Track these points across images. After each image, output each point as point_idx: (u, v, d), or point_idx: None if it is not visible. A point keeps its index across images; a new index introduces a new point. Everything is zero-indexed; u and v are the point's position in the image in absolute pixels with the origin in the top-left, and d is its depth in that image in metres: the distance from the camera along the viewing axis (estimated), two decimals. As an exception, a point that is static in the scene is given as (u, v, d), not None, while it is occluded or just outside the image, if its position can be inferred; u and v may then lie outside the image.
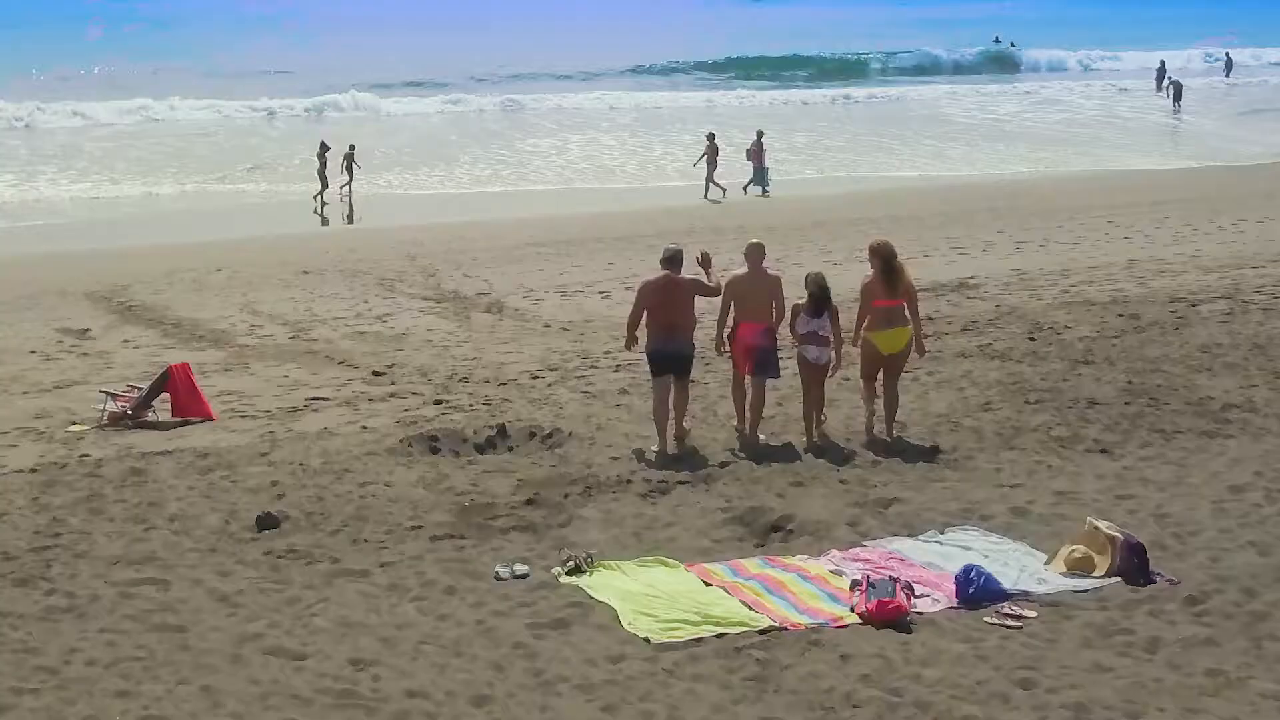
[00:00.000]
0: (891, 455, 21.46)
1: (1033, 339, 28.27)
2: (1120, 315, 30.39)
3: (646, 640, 14.92)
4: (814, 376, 22.27)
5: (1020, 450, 21.32)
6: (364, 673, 14.24)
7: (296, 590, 16.40)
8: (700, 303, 22.65)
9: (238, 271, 39.28)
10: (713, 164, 55.97)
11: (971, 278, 35.83)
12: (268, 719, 13.29)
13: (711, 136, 57.18)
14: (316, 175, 55.81)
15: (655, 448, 21.77)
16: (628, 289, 33.51)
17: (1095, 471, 20.11)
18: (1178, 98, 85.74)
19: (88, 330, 32.45)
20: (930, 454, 21.21)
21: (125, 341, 31.37)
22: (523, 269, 39.18)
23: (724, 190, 55.31)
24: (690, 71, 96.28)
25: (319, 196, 55.39)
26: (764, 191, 56.81)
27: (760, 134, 58.77)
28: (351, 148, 57.77)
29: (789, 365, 23.11)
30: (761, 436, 22.37)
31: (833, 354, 22.15)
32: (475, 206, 54.20)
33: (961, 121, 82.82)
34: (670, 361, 22.01)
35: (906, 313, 22.10)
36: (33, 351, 30.45)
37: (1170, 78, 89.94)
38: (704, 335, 23.83)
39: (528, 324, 32.42)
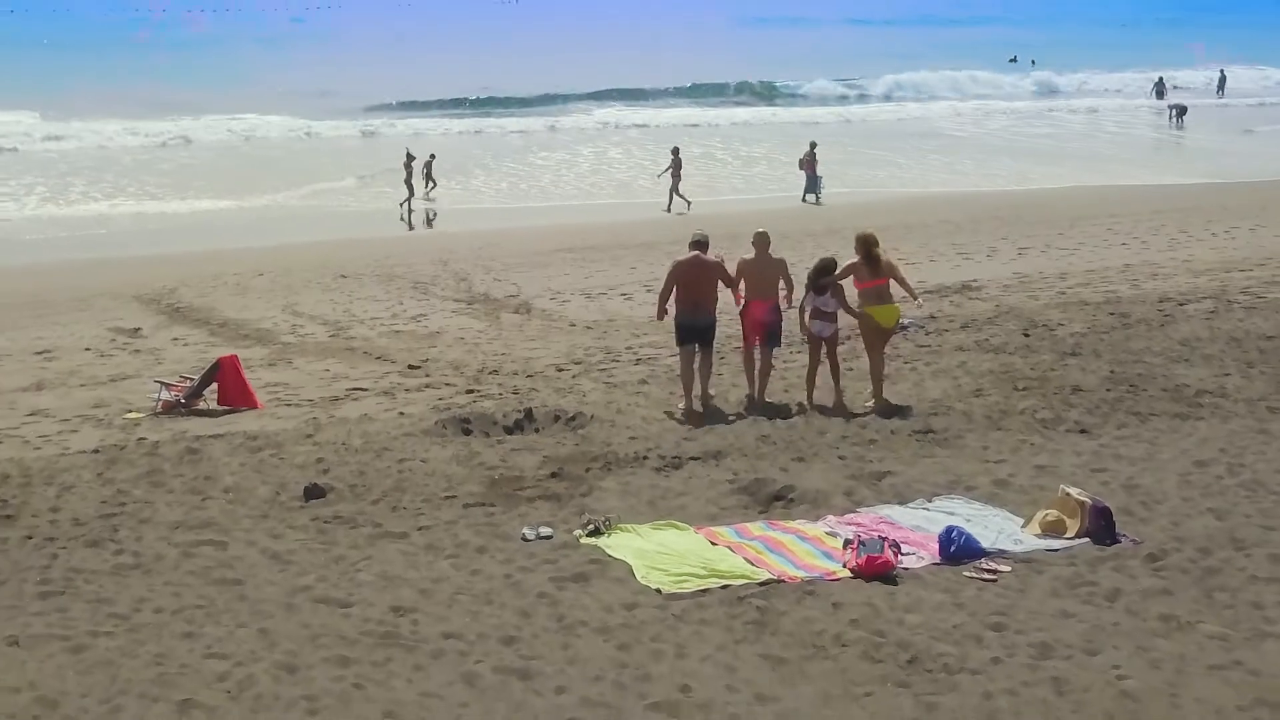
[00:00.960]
0: (887, 415, 23.55)
1: (1027, 335, 29.24)
2: (1111, 314, 31.32)
3: (658, 591, 16.19)
4: (823, 346, 24.76)
5: (1006, 431, 22.52)
6: (404, 618, 15.51)
7: (342, 550, 17.69)
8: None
9: (279, 276, 40.17)
10: (676, 177, 56.32)
11: (974, 280, 36.81)
12: (318, 656, 14.54)
13: (676, 151, 57.82)
14: (404, 184, 57.39)
15: (682, 406, 24.24)
16: (648, 291, 34.87)
17: (1074, 449, 21.31)
18: (1181, 114, 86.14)
19: (139, 329, 33.51)
20: (923, 434, 22.43)
21: (174, 339, 32.46)
22: (549, 273, 40.20)
23: (689, 203, 55.87)
24: (690, 93, 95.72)
25: (405, 203, 56.87)
26: (816, 199, 57.40)
27: (813, 145, 59.87)
28: (432, 156, 59.64)
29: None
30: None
31: (837, 327, 24.82)
32: (503, 216, 55.24)
33: (959, 136, 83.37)
34: (695, 331, 24.50)
35: (886, 290, 24.68)
36: (87, 349, 31.54)
37: (1173, 103, 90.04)
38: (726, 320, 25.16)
39: (554, 323, 33.52)
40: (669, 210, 55.25)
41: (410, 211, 55.99)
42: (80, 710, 13.43)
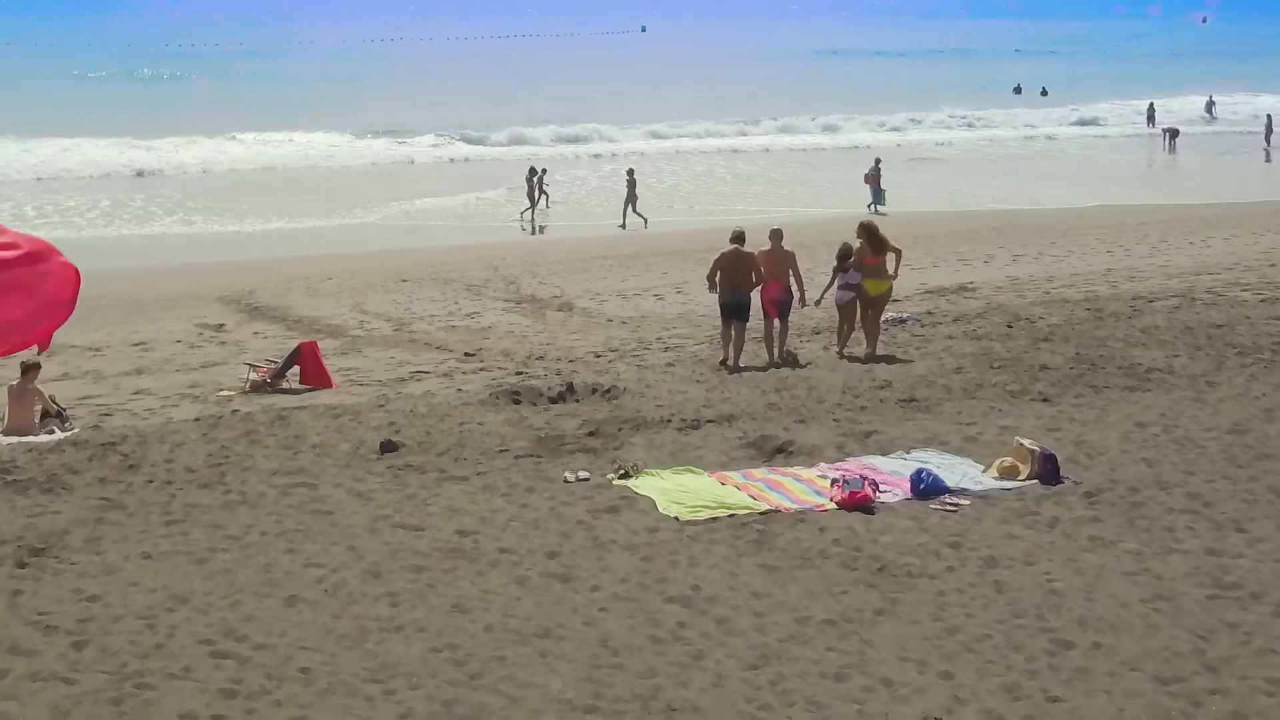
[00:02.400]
0: (873, 360, 28.06)
1: (1010, 327, 31.36)
2: (1087, 309, 33.42)
3: (676, 519, 18.59)
4: (845, 312, 29.85)
5: (979, 400, 24.82)
6: (466, 539, 17.94)
7: (414, 490, 20.10)
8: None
9: (346, 280, 42.20)
10: (631, 197, 57.63)
11: (970, 282, 39.00)
12: (397, 565, 17.00)
13: (631, 172, 60.09)
14: (526, 196, 60.40)
15: (721, 358, 29.10)
16: (678, 292, 37.39)
17: (1035, 414, 23.59)
18: (1174, 136, 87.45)
19: (223, 325, 35.80)
20: (907, 402, 24.79)
21: (255, 333, 34.77)
22: (589, 277, 42.41)
23: (645, 221, 57.27)
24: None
25: (528, 213, 59.82)
26: (877, 209, 58.82)
27: (878, 160, 62.46)
28: (544, 171, 62.25)
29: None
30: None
31: (854, 295, 29.55)
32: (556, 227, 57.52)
33: (964, 159, 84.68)
34: (732, 307, 28.86)
35: (882, 268, 29.59)
36: (178, 341, 33.82)
37: (1166, 127, 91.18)
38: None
39: (593, 319, 35.83)
40: (624, 226, 57.09)
41: (532, 219, 58.59)
42: (207, 604, 15.87)
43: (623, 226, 57.04)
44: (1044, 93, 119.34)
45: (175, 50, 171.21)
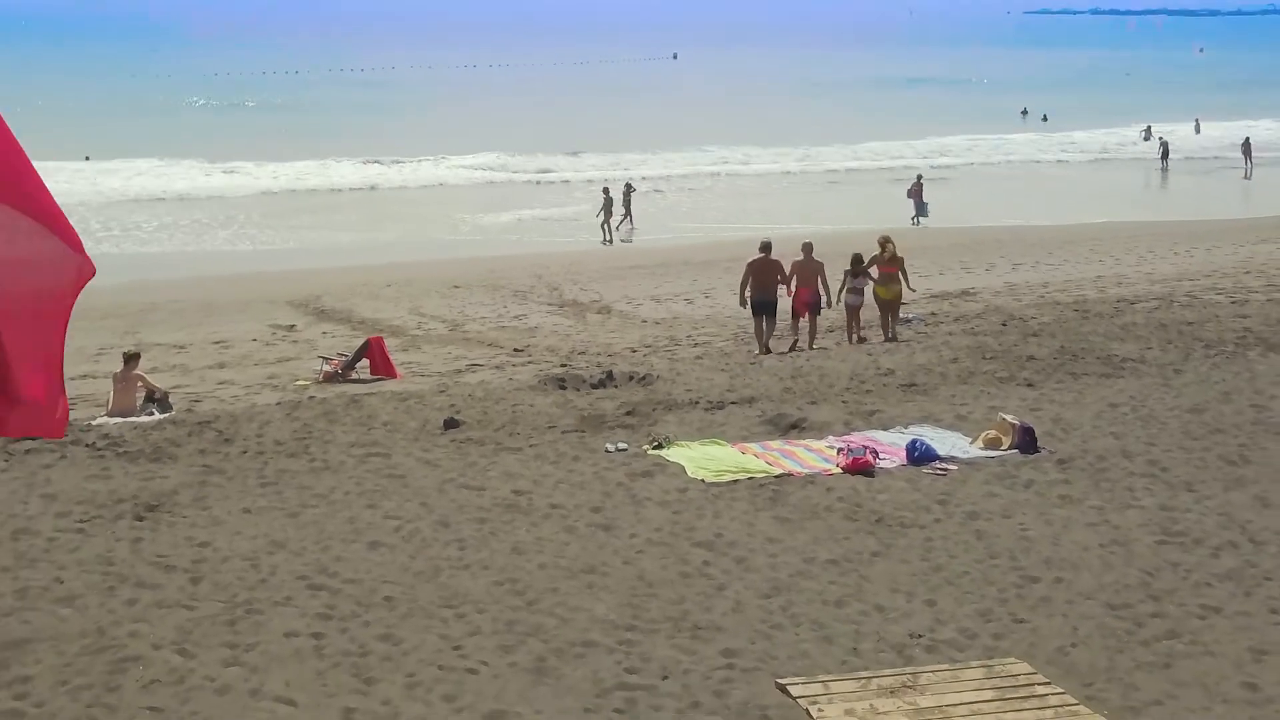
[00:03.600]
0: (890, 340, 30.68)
1: (1004, 325, 32.91)
2: (1075, 310, 34.91)
3: (702, 481, 20.34)
4: (851, 315, 32.77)
5: (970, 385, 26.45)
6: (521, 497, 19.68)
7: (475, 458, 21.83)
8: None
9: (403, 286, 43.82)
10: (608, 213, 58.15)
11: (971, 288, 40.67)
12: (463, 517, 18.74)
13: (606, 190, 60.19)
14: (621, 207, 61.42)
15: (753, 350, 31.82)
16: (706, 297, 39.19)
17: (1020, 396, 25.23)
18: (1165, 153, 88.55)
19: (294, 326, 37.58)
20: (908, 386, 26.47)
21: (324, 333, 36.54)
22: (626, 283, 44.10)
23: (613, 238, 57.96)
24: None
25: (620, 224, 60.83)
26: (919, 222, 60.42)
27: (920, 176, 64.46)
28: (630, 186, 64.07)
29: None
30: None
31: (863, 299, 32.69)
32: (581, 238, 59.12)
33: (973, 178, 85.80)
34: (763, 305, 32.00)
35: (899, 277, 32.67)
36: (254, 340, 35.64)
37: (1161, 138, 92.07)
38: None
39: (629, 320, 37.59)
40: (609, 243, 57.66)
41: (614, 230, 59.55)
42: (301, 548, 17.64)
43: (613, 241, 57.79)
44: (1044, 119, 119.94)
45: (271, 78, 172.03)
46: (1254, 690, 13.45)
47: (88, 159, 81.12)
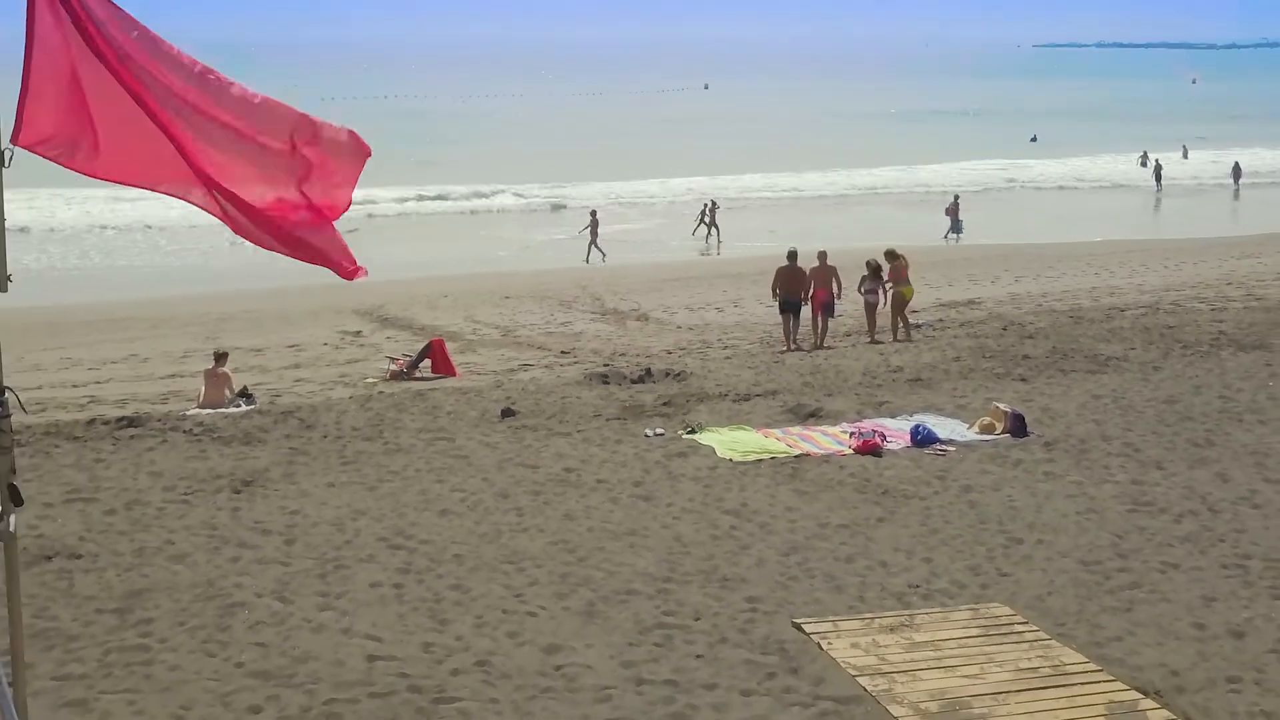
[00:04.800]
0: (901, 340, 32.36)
1: (1004, 330, 34.07)
2: (1069, 317, 36.12)
3: (730, 460, 21.69)
4: (869, 312, 35.35)
5: (970, 380, 27.72)
6: (571, 473, 21.02)
7: (528, 441, 23.18)
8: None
9: (459, 297, 45.15)
10: (594, 234, 58.21)
11: (977, 298, 41.94)
12: (520, 490, 20.09)
13: (594, 213, 60.83)
14: (708, 224, 63.69)
15: (784, 347, 34.25)
16: (736, 307, 40.52)
17: (1014, 389, 26.45)
18: (1159, 174, 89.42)
19: (360, 331, 38.93)
20: (914, 381, 27.74)
21: (388, 338, 37.89)
22: (662, 294, 45.33)
23: (604, 256, 57.85)
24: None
25: (708, 239, 63.05)
26: (956, 239, 61.53)
27: (956, 196, 66.28)
28: (714, 205, 65.97)
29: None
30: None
31: (882, 296, 35.39)
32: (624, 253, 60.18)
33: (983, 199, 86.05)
34: (789, 305, 34.83)
35: (907, 279, 35.47)
36: (325, 344, 37.01)
37: (1156, 160, 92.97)
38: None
39: (665, 326, 38.91)
40: (588, 261, 57.44)
41: (706, 240, 61.61)
42: (380, 515, 19.00)
43: (597, 261, 57.73)
44: (1033, 139, 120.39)
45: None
46: (1202, 629, 14.77)
47: None
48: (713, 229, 63.17)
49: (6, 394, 8.37)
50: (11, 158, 8.54)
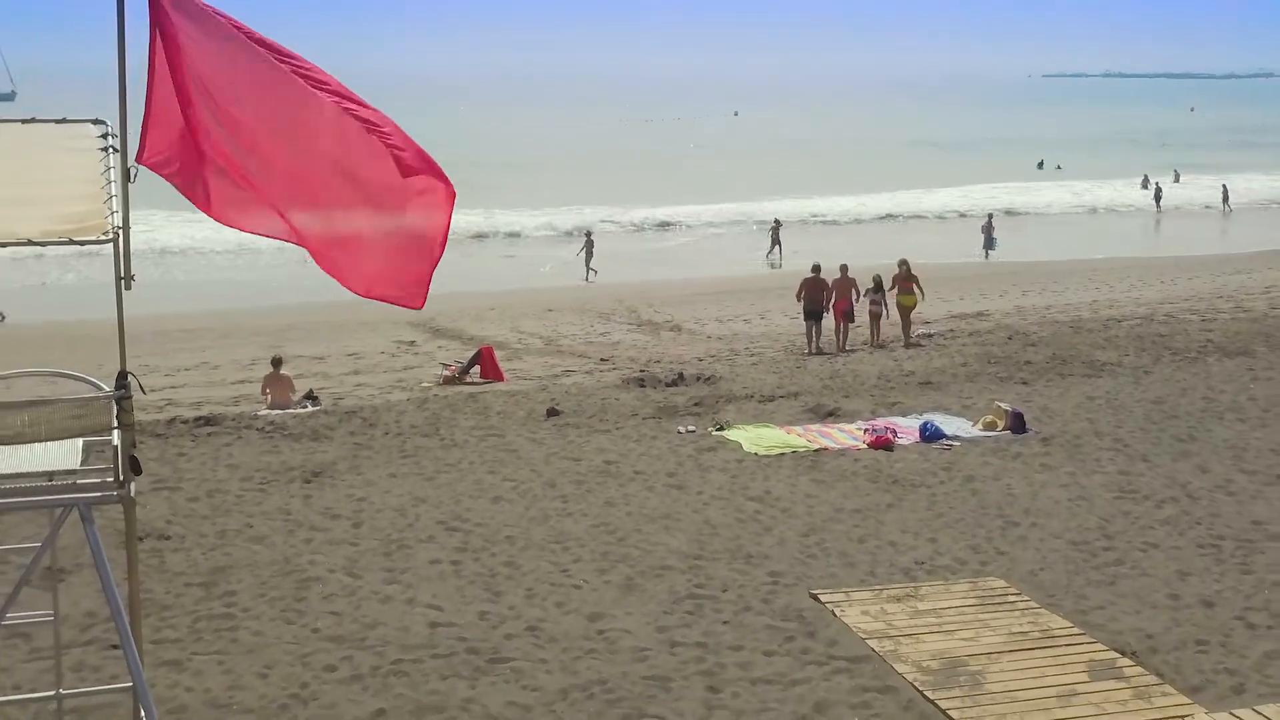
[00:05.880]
0: (911, 346, 33.53)
1: (1010, 339, 34.71)
2: (1070, 327, 36.72)
3: (755, 454, 22.50)
4: (873, 321, 36.59)
5: (976, 383, 28.47)
6: (611, 465, 21.86)
7: (572, 438, 24.00)
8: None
9: (504, 310, 45.69)
10: (589, 255, 57.36)
11: (985, 310, 42.55)
12: (565, 480, 20.93)
13: (589, 233, 60.69)
14: (771, 241, 63.69)
15: (806, 349, 35.46)
16: (763, 319, 41.17)
17: (1016, 392, 27.17)
18: (1159, 196, 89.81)
19: (414, 341, 39.68)
20: (925, 384, 28.50)
21: (439, 346, 38.56)
22: (694, 307, 45.85)
23: (595, 274, 56.91)
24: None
25: (770, 254, 62.94)
26: (989, 255, 61.76)
27: (991, 215, 67.22)
28: (778, 222, 66.34)
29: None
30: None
31: (885, 308, 36.63)
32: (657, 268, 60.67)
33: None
34: (812, 314, 36.00)
35: (914, 289, 36.70)
36: (382, 352, 37.74)
37: (1157, 183, 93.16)
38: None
39: (696, 336, 39.55)
40: (587, 280, 56.57)
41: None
42: (438, 502, 19.86)
43: (592, 280, 56.84)
44: (1043, 165, 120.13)
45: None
46: (1176, 599, 15.58)
47: None
48: (776, 246, 63.28)
49: (129, 378, 9.15)
50: (136, 174, 9.41)
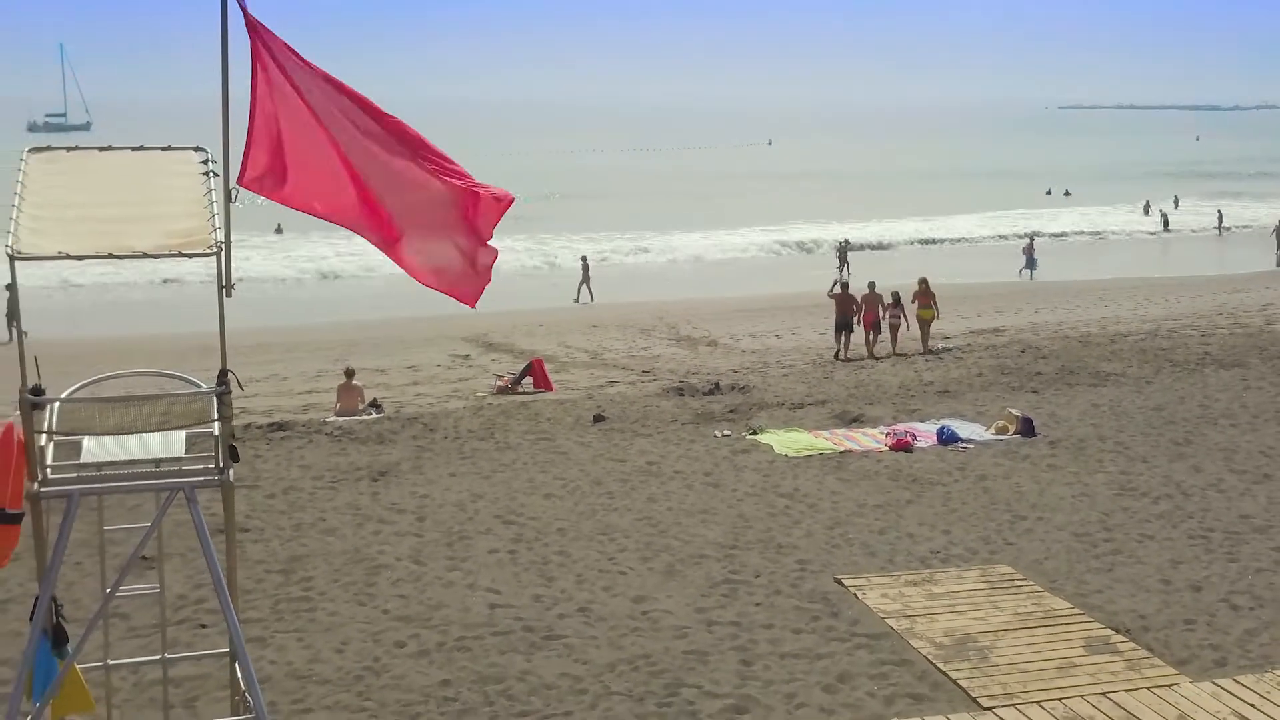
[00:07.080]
0: (928, 354, 34.39)
1: (1022, 352, 35.10)
2: (1078, 341, 37.04)
3: (785, 456, 23.05)
4: (892, 332, 37.73)
5: (989, 391, 28.92)
6: (652, 465, 22.43)
7: (617, 441, 24.57)
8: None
9: (552, 326, 46.33)
10: (585, 277, 56.98)
11: (1001, 327, 42.94)
12: (610, 478, 21.52)
13: (584, 258, 59.94)
14: (839, 259, 63.84)
15: (839, 356, 36.53)
16: (794, 334, 41.64)
17: (1026, 400, 27.62)
18: (1165, 224, 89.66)
19: (468, 355, 40.26)
20: (943, 392, 28.99)
21: (492, 360, 39.16)
22: (730, 323, 46.38)
23: (591, 297, 56.39)
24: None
25: (840, 270, 61.51)
26: (1030, 275, 61.46)
27: (1032, 236, 68.88)
28: (846, 242, 67.16)
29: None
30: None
31: (904, 320, 37.70)
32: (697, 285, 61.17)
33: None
34: (843, 325, 37.10)
35: (931, 304, 37.94)
36: (439, 365, 38.32)
37: (1161, 210, 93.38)
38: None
39: (732, 350, 40.00)
40: (577, 301, 56.06)
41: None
42: (495, 498, 20.46)
43: (585, 301, 56.37)
44: (1063, 192, 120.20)
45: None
46: (1167, 584, 16.10)
47: (279, 231, 78.72)
48: (845, 265, 63.19)
49: (229, 375, 9.77)
50: (237, 195, 10.05)
